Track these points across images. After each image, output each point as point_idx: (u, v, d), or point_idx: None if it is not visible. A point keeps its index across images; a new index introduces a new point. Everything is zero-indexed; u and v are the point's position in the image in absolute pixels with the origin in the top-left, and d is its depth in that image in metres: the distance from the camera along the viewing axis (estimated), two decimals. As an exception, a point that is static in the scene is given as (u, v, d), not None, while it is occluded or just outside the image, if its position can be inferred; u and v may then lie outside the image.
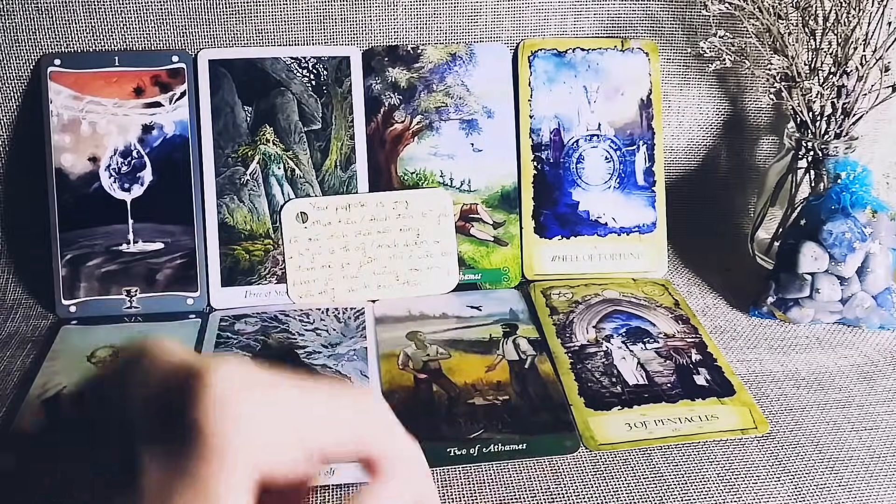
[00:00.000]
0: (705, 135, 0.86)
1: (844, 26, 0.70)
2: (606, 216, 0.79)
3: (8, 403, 0.62)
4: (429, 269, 0.76)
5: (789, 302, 0.72)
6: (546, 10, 0.80)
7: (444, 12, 0.79)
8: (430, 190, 0.77)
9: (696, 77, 0.84)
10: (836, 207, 0.70)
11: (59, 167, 0.73)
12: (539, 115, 0.79)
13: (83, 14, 0.75)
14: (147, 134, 0.74)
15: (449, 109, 0.78)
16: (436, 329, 0.70)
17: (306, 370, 0.65)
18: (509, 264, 0.78)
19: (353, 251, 0.75)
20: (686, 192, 0.86)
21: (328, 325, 0.71)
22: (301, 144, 0.76)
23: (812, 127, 0.75)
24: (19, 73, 0.75)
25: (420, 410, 0.61)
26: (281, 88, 0.75)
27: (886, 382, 0.65)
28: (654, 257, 0.80)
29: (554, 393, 0.63)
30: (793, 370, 0.67)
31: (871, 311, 0.70)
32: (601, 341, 0.69)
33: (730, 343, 0.70)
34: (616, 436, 0.58)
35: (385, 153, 0.77)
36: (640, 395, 0.62)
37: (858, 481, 0.55)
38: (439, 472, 0.55)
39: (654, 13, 0.81)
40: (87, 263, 0.72)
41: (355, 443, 0.31)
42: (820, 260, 0.70)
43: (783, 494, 0.54)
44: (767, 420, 0.60)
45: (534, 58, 0.79)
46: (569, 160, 0.79)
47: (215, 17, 0.76)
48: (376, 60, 0.78)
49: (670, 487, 0.54)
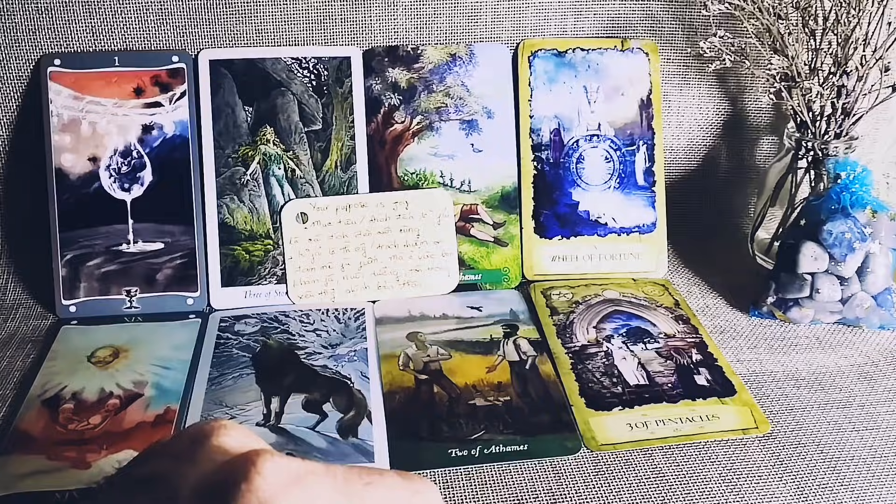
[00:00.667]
0: (705, 135, 0.86)
1: (844, 26, 0.70)
2: (606, 216, 0.79)
3: (8, 403, 0.62)
4: (429, 269, 0.76)
5: (789, 302, 0.72)
6: (546, 10, 0.80)
7: (444, 12, 0.79)
8: (431, 190, 0.77)
9: (696, 77, 0.84)
10: (836, 207, 0.70)
11: (59, 167, 0.72)
12: (539, 115, 0.79)
13: (83, 14, 0.75)
14: (147, 134, 0.74)
15: (449, 110, 0.78)
16: (436, 330, 0.70)
17: (309, 373, 0.65)
18: (509, 265, 0.78)
19: (353, 252, 0.74)
20: (686, 193, 0.86)
21: (328, 326, 0.71)
22: (301, 145, 0.75)
23: (812, 127, 0.75)
24: (19, 73, 0.75)
25: (421, 411, 0.61)
26: (281, 89, 0.75)
27: (887, 382, 0.65)
28: (654, 257, 0.80)
29: (555, 393, 0.63)
30: (793, 370, 0.67)
31: (871, 311, 0.71)
32: (602, 341, 0.69)
33: (730, 343, 0.70)
34: (617, 436, 0.58)
35: (385, 153, 0.77)
36: (640, 396, 0.62)
37: (860, 481, 0.55)
38: (440, 474, 0.55)
39: (654, 13, 0.81)
40: (87, 263, 0.72)
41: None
42: (820, 260, 0.70)
43: (785, 494, 0.54)
44: (768, 420, 0.60)
45: (534, 58, 0.79)
46: (569, 160, 0.79)
47: (215, 17, 0.76)
48: (376, 61, 0.77)
49: (672, 488, 0.54)
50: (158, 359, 0.66)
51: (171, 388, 0.62)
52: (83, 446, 0.56)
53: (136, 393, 0.62)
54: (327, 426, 0.59)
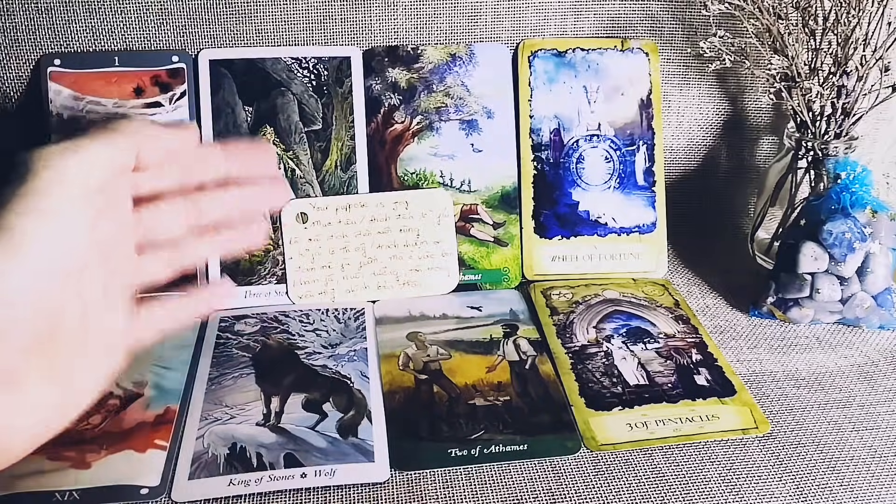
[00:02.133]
0: (705, 135, 0.86)
1: (844, 26, 0.70)
2: (606, 216, 0.79)
3: (8, 404, 0.62)
4: (429, 269, 0.76)
5: (789, 302, 0.72)
6: (546, 10, 0.80)
7: (444, 12, 0.79)
8: (431, 190, 0.77)
9: (696, 77, 0.84)
10: (836, 207, 0.70)
11: (58, 167, 0.72)
12: (539, 115, 0.79)
13: (83, 14, 0.75)
14: (147, 134, 0.74)
15: (449, 110, 0.78)
16: (436, 330, 0.70)
17: (309, 373, 0.65)
18: (509, 265, 0.78)
19: (353, 252, 0.75)
20: (686, 193, 0.86)
21: (328, 326, 0.71)
22: (301, 145, 0.75)
23: (812, 127, 0.75)
24: (19, 73, 0.75)
25: (421, 411, 0.61)
26: (281, 89, 0.75)
27: (887, 382, 0.65)
28: (654, 257, 0.80)
29: (555, 393, 0.63)
30: (793, 370, 0.67)
31: (871, 311, 0.71)
32: (601, 341, 0.69)
33: (730, 343, 0.70)
34: (617, 436, 0.58)
35: (385, 153, 0.77)
36: (640, 396, 0.62)
37: (860, 481, 0.55)
38: (440, 474, 0.55)
39: (654, 13, 0.82)
40: (86, 264, 0.72)
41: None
42: (820, 260, 0.70)
43: (785, 494, 0.54)
44: (768, 420, 0.60)
45: (534, 58, 0.79)
46: (569, 160, 0.79)
47: (215, 17, 0.76)
48: (376, 61, 0.77)
49: (672, 488, 0.54)
50: (158, 359, 0.66)
51: (170, 388, 0.62)
52: (83, 446, 0.56)
53: (135, 393, 0.62)
54: (327, 426, 0.59)
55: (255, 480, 0.54)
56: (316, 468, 0.55)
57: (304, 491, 0.54)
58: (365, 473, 0.55)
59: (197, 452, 0.56)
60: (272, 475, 0.54)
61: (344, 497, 0.53)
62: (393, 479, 0.55)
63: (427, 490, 0.54)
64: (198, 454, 0.56)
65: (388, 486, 0.54)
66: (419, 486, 0.54)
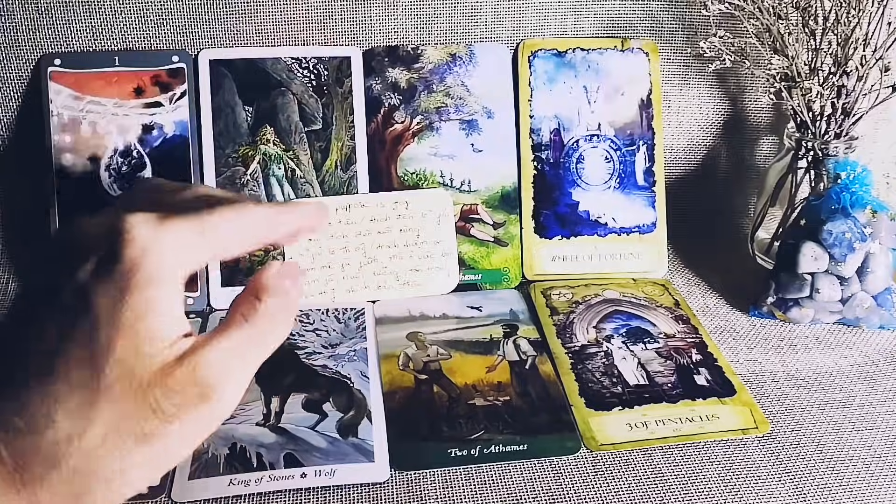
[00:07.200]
0: (705, 135, 0.86)
1: (844, 26, 0.70)
2: (606, 216, 0.79)
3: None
4: (429, 269, 0.76)
5: (789, 302, 0.72)
6: (546, 10, 0.80)
7: (444, 12, 0.79)
8: (431, 190, 0.77)
9: (696, 77, 0.84)
10: (836, 207, 0.70)
11: (59, 167, 0.72)
12: (539, 115, 0.79)
13: (83, 14, 0.75)
14: (147, 134, 0.74)
15: (449, 110, 0.78)
16: (436, 330, 0.70)
17: (309, 372, 0.65)
18: (509, 264, 0.78)
19: (353, 251, 0.75)
20: (686, 192, 0.86)
21: (328, 326, 0.71)
22: (301, 145, 0.75)
23: (812, 127, 0.75)
24: (19, 73, 0.75)
25: (421, 411, 0.61)
26: (281, 88, 0.75)
27: (887, 382, 0.65)
28: (654, 257, 0.80)
29: (554, 393, 0.63)
30: (793, 370, 0.67)
31: (871, 311, 0.71)
32: (601, 341, 0.69)
33: (730, 343, 0.70)
34: (617, 436, 0.58)
35: (385, 153, 0.77)
36: (640, 396, 0.62)
37: (859, 481, 0.55)
38: (440, 473, 0.55)
39: (654, 13, 0.82)
40: (87, 264, 0.72)
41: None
42: (820, 260, 0.70)
43: (784, 494, 0.54)
44: (768, 420, 0.60)
45: (534, 58, 0.79)
46: (569, 160, 0.79)
47: (215, 17, 0.76)
48: (376, 61, 0.77)
49: (672, 488, 0.54)
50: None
51: (171, 388, 0.62)
52: (83, 446, 0.56)
53: (136, 393, 0.62)
54: (327, 426, 0.59)
55: (255, 480, 0.54)
56: (316, 468, 0.55)
57: (304, 491, 0.54)
58: (365, 473, 0.55)
59: (197, 452, 0.56)
60: (272, 475, 0.54)
61: (344, 497, 0.53)
62: (393, 479, 0.55)
63: (427, 490, 0.54)
64: (198, 454, 0.56)
65: (388, 486, 0.54)
66: (419, 486, 0.54)
